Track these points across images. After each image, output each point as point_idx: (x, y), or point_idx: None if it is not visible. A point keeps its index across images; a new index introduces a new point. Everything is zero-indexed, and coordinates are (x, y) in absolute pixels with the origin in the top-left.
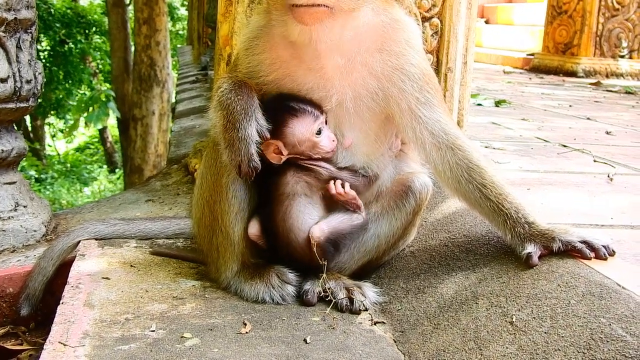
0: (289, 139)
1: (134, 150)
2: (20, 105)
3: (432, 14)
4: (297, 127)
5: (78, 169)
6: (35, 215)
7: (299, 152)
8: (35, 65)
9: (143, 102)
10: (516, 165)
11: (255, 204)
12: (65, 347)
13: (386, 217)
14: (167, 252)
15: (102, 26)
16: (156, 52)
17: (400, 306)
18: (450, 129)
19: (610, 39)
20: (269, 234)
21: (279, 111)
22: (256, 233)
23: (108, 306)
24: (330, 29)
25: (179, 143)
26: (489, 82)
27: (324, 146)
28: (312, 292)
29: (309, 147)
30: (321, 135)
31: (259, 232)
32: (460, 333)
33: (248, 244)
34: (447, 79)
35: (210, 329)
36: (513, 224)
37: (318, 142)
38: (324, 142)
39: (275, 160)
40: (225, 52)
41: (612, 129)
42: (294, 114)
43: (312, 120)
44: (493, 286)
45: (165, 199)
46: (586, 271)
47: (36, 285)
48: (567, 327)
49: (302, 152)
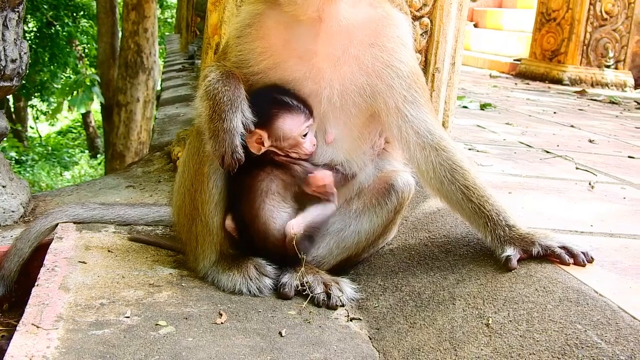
0: (275, 132)
1: (116, 136)
2: (4, 84)
3: (423, 14)
4: (287, 123)
5: (59, 153)
6: (14, 195)
7: (280, 148)
8: (21, 44)
9: (128, 89)
10: (499, 168)
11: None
12: (39, 330)
13: (367, 214)
14: (146, 239)
15: (90, 10)
16: (143, 38)
17: (377, 303)
18: (435, 129)
19: (597, 49)
20: (244, 228)
21: (272, 102)
22: (232, 225)
23: (83, 290)
24: (343, 7)
25: (163, 131)
26: (475, 85)
27: (305, 148)
28: (289, 285)
29: (291, 145)
30: (306, 137)
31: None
32: (435, 333)
33: (227, 234)
34: (434, 79)
35: (186, 317)
36: (493, 226)
37: (301, 143)
38: (307, 145)
39: (255, 150)
40: (213, 41)
41: (595, 137)
42: (287, 109)
43: (304, 120)
44: (471, 287)
45: (146, 185)
46: (564, 277)
47: (12, 267)
48: (542, 331)
49: (282, 148)
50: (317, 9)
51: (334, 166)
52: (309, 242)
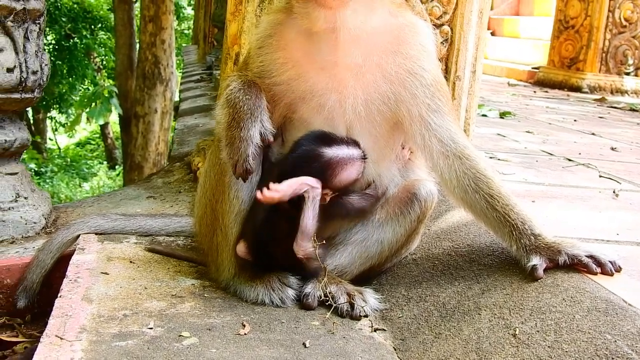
0: (335, 185)
1: (134, 147)
2: (26, 96)
3: (443, 22)
4: (345, 175)
5: (78, 164)
6: (36, 207)
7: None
8: (42, 56)
9: (146, 100)
10: (521, 177)
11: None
12: (62, 341)
13: (390, 223)
14: (163, 250)
15: (108, 22)
16: (161, 50)
17: (401, 314)
18: (459, 138)
19: (616, 56)
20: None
21: (327, 158)
22: (245, 250)
23: (106, 301)
24: (354, 16)
25: (182, 141)
26: (494, 93)
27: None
28: (312, 295)
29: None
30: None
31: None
32: (462, 343)
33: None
34: (455, 88)
35: (209, 328)
36: (519, 235)
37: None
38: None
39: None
40: (233, 51)
41: (617, 145)
42: (343, 162)
43: (360, 166)
44: (496, 297)
45: (166, 196)
46: (592, 286)
47: (34, 278)
48: (571, 342)
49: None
50: (328, 20)
51: (366, 187)
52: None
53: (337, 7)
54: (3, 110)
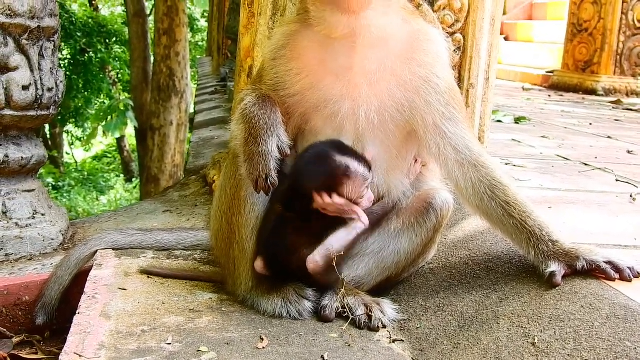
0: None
1: (151, 160)
2: (41, 113)
3: (455, 30)
4: (348, 189)
5: (95, 178)
6: (53, 223)
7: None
8: (57, 73)
9: (161, 112)
10: (537, 183)
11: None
12: (81, 358)
13: (406, 233)
14: (158, 272)
15: (122, 36)
16: (175, 62)
17: (419, 324)
18: (473, 145)
19: (631, 58)
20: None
21: (332, 168)
22: (262, 265)
23: (124, 317)
24: (373, 19)
25: (198, 154)
26: (508, 98)
27: (362, 205)
28: (330, 307)
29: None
30: (364, 196)
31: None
32: (480, 353)
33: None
34: (469, 95)
35: (227, 343)
36: (537, 241)
37: (360, 202)
38: (364, 203)
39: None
40: (246, 64)
41: (634, 148)
42: (347, 175)
43: (363, 182)
44: (515, 306)
45: (183, 210)
46: (610, 293)
47: (52, 294)
48: (590, 349)
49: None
50: (349, 24)
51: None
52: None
53: (358, 11)
54: (19, 128)
